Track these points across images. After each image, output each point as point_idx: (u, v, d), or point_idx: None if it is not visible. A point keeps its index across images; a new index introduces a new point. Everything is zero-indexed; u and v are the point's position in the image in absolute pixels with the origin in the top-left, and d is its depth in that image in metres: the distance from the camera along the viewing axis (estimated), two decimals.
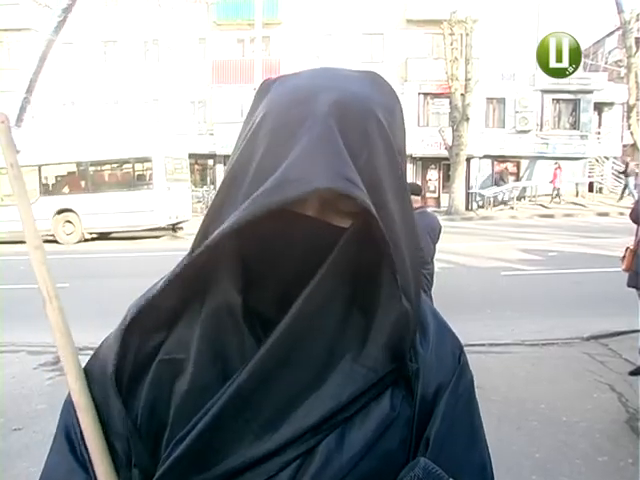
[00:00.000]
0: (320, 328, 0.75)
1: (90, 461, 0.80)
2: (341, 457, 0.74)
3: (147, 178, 18.55)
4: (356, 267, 0.76)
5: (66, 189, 18.93)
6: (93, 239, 18.53)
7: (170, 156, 19.04)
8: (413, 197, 5.63)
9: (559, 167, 26.68)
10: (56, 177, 19.15)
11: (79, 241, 18.15)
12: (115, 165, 19.14)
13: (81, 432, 0.82)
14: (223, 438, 0.74)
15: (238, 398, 0.74)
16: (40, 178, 18.47)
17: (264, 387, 0.74)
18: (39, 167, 18.16)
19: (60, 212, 18.08)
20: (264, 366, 0.74)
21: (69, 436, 0.84)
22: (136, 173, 18.89)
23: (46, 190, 18.58)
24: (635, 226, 5.59)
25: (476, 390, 0.90)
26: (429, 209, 6.91)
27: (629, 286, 5.48)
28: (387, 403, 0.78)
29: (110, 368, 0.82)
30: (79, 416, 0.82)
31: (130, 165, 18.83)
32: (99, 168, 18.95)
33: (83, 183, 18.76)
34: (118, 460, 0.82)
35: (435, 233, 5.64)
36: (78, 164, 18.68)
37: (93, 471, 0.80)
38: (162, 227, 18.21)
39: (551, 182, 26.62)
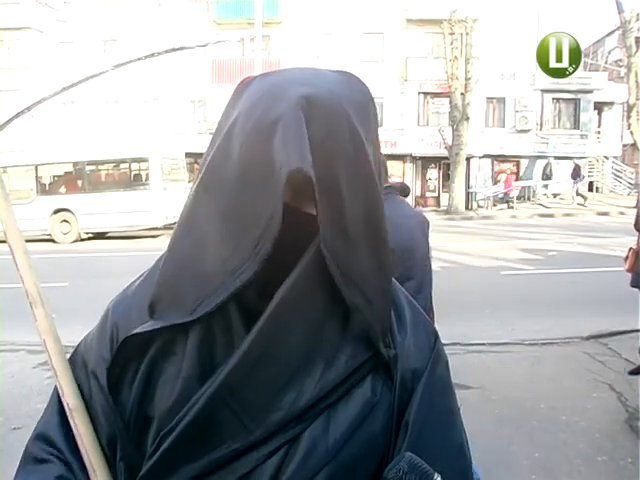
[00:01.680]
0: (302, 317, 0.76)
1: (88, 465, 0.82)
2: (326, 442, 0.76)
3: (144, 178, 18.59)
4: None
5: (63, 189, 19.00)
6: (90, 238, 18.56)
7: (167, 156, 19.16)
8: (401, 198, 5.61)
9: (511, 173, 26.81)
10: (53, 177, 19.26)
11: (75, 240, 18.20)
12: (112, 165, 19.19)
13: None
14: (211, 429, 0.76)
15: (225, 389, 0.75)
16: (37, 178, 18.57)
17: (249, 377, 0.75)
18: (36, 167, 18.30)
19: (57, 212, 18.14)
20: (249, 357, 0.75)
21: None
22: (133, 173, 18.94)
23: (43, 190, 18.68)
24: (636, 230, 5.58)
25: (476, 390, 0.90)
26: (426, 208, 6.89)
27: (632, 286, 5.47)
28: (368, 388, 0.80)
29: (100, 365, 0.85)
30: (73, 416, 0.83)
31: (127, 165, 18.91)
32: (96, 168, 19.00)
33: (80, 183, 18.82)
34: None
35: (424, 232, 5.60)
36: (75, 164, 18.76)
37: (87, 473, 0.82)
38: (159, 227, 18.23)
39: (504, 189, 26.66)
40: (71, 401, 0.84)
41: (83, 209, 17.84)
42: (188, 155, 29.59)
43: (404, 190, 5.83)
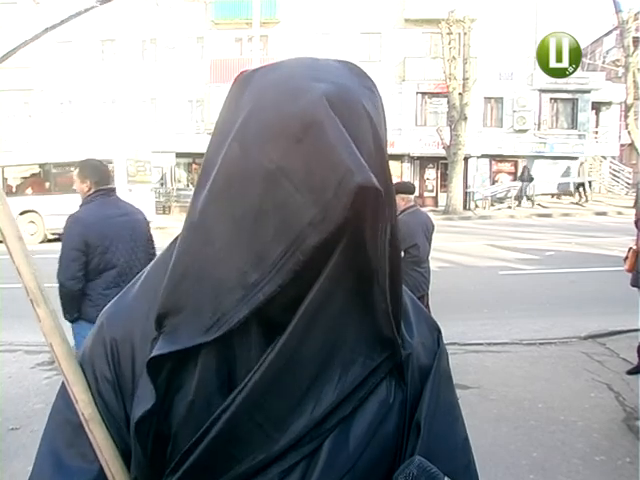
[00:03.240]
0: (324, 324, 0.74)
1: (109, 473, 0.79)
2: (347, 448, 0.76)
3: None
4: (355, 264, 0.74)
5: (29, 190, 19.18)
6: (57, 239, 18.64)
7: (132, 158, 19.40)
8: (406, 196, 5.65)
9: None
10: (20, 178, 19.54)
11: (42, 241, 18.32)
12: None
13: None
14: (236, 443, 0.74)
15: (250, 403, 0.73)
16: (3, 179, 18.86)
17: (274, 389, 0.74)
18: (2, 168, 18.67)
19: (23, 213, 18.24)
20: (274, 369, 0.73)
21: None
22: None
23: (9, 191, 18.82)
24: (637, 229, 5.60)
25: (474, 389, 0.91)
26: (424, 208, 6.91)
27: (633, 286, 5.49)
28: (384, 391, 0.80)
29: (104, 383, 0.80)
30: (90, 428, 0.79)
31: None
32: (62, 170, 19.14)
33: (47, 184, 19.00)
34: None
35: (429, 231, 5.66)
36: (41, 165, 19.02)
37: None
38: None
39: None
40: (87, 410, 0.78)
41: (49, 210, 17.91)
42: (186, 155, 29.67)
43: (409, 188, 5.90)
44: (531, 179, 26.78)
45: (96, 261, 3.75)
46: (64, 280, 3.72)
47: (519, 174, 27.23)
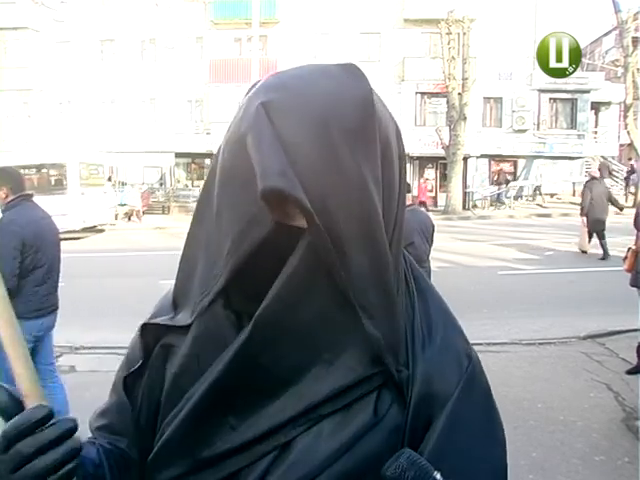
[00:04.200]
0: (295, 323, 0.73)
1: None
2: (316, 454, 0.74)
3: (62, 183, 18.97)
4: (321, 272, 0.72)
5: None
6: None
7: (85, 162, 19.61)
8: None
9: (426, 180, 27.14)
10: None
11: None
12: (33, 170, 19.39)
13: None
14: (201, 428, 0.77)
15: (212, 391, 0.76)
16: None
17: (238, 381, 0.75)
18: None
19: None
20: (238, 361, 0.75)
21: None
22: (53, 178, 19.33)
23: None
24: (635, 228, 5.60)
25: None
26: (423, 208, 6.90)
27: (632, 286, 5.50)
28: (371, 407, 0.77)
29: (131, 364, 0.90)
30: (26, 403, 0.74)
31: (46, 170, 19.34)
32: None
33: None
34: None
35: (428, 231, 5.65)
36: None
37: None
38: (77, 230, 18.35)
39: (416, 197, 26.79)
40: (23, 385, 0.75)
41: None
42: (185, 155, 29.67)
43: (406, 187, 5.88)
44: (507, 182, 26.84)
45: (29, 260, 3.98)
46: (9, 277, 3.87)
47: (495, 178, 27.25)
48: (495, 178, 27.13)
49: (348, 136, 0.71)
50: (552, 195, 28.13)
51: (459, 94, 24.29)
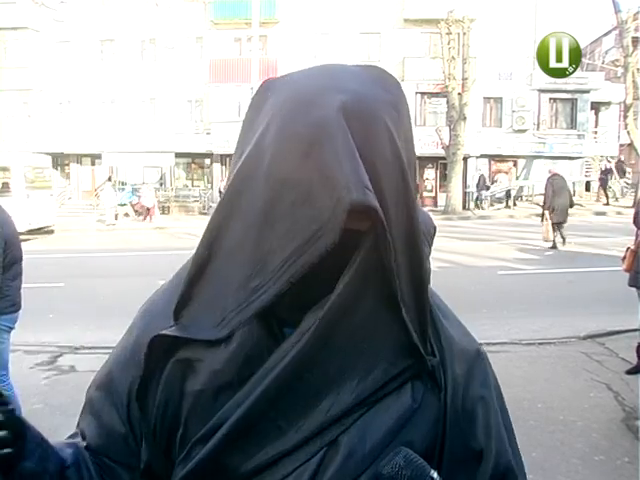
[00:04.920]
0: (346, 328, 0.76)
1: None
2: (363, 449, 0.76)
3: (8, 186, 19.08)
4: (373, 277, 0.76)
5: None
6: None
7: (30, 165, 19.77)
8: None
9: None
10: None
11: None
12: None
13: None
14: (249, 437, 0.76)
15: (264, 400, 0.75)
16: None
17: (289, 387, 0.75)
18: None
19: None
20: (293, 368, 0.75)
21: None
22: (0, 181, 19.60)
23: None
24: (635, 226, 5.60)
25: None
26: (424, 208, 6.89)
27: (630, 286, 5.49)
28: (408, 395, 0.80)
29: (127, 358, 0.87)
30: None
31: None
32: None
33: None
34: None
35: (429, 232, 5.65)
36: None
37: None
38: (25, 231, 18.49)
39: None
40: None
41: None
42: (185, 155, 29.67)
43: None
44: (487, 188, 26.90)
45: (10, 256, 4.13)
46: None
47: (476, 182, 27.27)
48: (477, 182, 27.12)
49: (398, 133, 0.75)
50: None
51: (459, 94, 24.29)
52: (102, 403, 0.88)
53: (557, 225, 13.64)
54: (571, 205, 14.04)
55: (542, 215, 13.86)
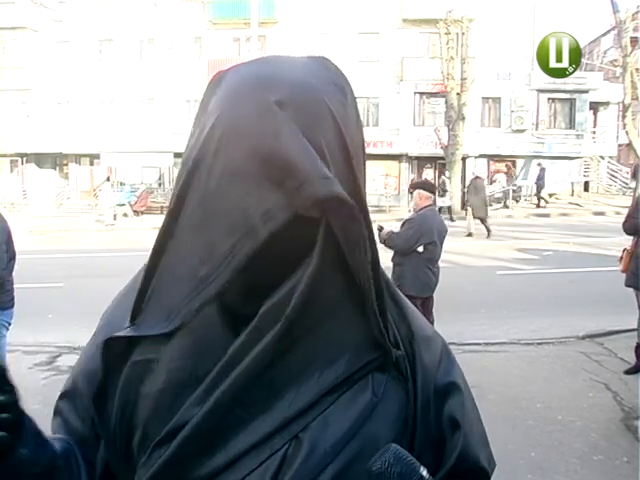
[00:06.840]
0: (311, 321, 0.75)
1: None
2: (326, 443, 0.75)
3: None
4: (337, 269, 0.75)
5: None
6: None
7: None
8: (427, 194, 5.74)
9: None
10: None
11: None
12: None
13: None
14: (212, 436, 0.74)
15: (229, 396, 0.74)
16: None
17: (253, 383, 0.74)
18: None
19: None
20: (257, 364, 0.73)
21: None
22: None
23: None
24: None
25: (472, 389, 0.90)
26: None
27: (627, 286, 5.50)
28: (370, 389, 0.79)
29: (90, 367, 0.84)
30: None
31: None
32: None
33: None
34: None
35: (442, 235, 5.77)
36: None
37: None
38: None
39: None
40: None
41: None
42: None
43: (431, 186, 6.15)
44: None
45: (10, 252, 4.29)
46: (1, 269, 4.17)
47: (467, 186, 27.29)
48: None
49: (344, 119, 0.75)
50: (551, 195, 28.11)
51: (458, 94, 24.28)
52: (68, 411, 0.87)
53: (480, 220, 16.78)
54: (486, 205, 17.15)
55: (466, 210, 17.19)
